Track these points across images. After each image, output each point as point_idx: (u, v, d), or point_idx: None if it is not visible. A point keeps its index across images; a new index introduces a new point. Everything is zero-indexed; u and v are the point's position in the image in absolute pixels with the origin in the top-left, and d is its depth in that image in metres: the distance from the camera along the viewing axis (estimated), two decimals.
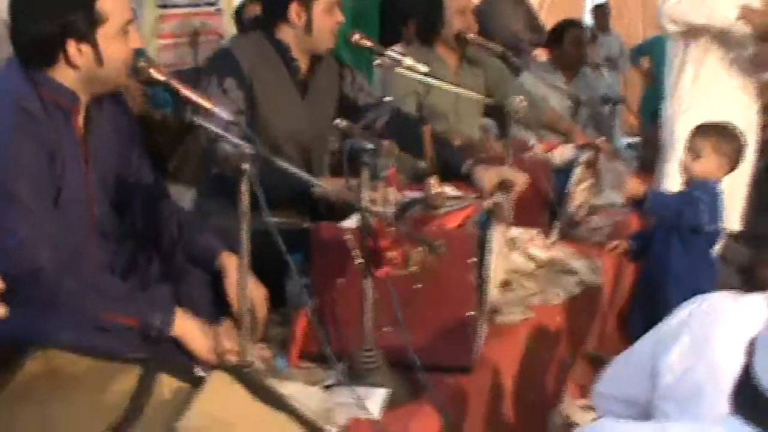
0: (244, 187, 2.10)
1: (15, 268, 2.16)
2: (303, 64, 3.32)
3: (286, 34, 3.26)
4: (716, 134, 3.59)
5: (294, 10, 3.21)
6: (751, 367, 1.34)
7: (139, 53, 2.41)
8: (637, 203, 3.71)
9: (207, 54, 5.66)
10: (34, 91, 2.29)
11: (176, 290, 2.53)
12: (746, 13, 4.30)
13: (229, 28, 5.93)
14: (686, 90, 4.62)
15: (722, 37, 4.48)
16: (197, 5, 5.85)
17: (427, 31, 4.50)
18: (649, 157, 5.05)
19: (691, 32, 4.51)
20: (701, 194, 3.50)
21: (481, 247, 2.52)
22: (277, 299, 2.64)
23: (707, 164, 3.55)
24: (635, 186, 3.67)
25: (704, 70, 4.59)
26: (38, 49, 2.28)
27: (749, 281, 4.25)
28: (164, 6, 5.53)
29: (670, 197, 3.75)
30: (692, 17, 4.41)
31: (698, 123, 3.75)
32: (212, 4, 5.97)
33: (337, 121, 2.39)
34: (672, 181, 4.40)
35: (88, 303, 2.22)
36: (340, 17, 3.28)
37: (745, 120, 4.36)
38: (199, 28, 5.84)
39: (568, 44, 5.63)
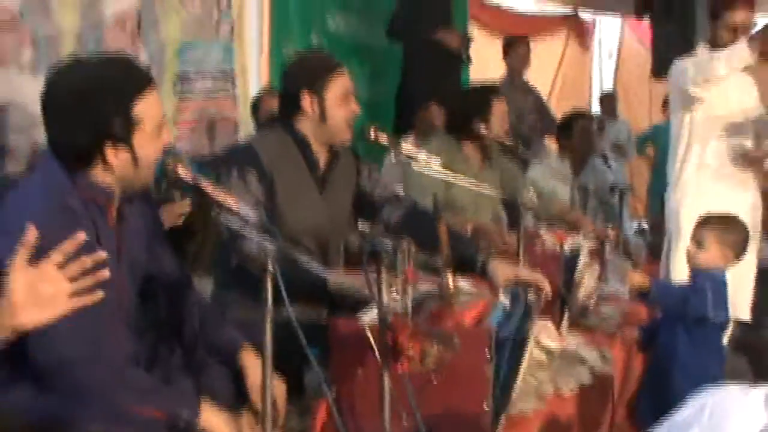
0: (269, 285, 2.17)
1: (45, 356, 2.22)
2: (322, 157, 3.38)
3: (303, 125, 3.32)
4: (719, 225, 3.65)
5: (307, 99, 3.28)
6: None
7: (166, 152, 2.50)
8: (642, 295, 3.75)
9: (223, 142, 5.81)
10: (74, 189, 2.35)
11: (197, 381, 2.59)
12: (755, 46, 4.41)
13: (245, 117, 6.04)
14: (689, 179, 4.71)
15: (724, 126, 4.60)
16: (214, 93, 5.97)
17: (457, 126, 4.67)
18: (657, 242, 5.13)
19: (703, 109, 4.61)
20: (706, 284, 3.54)
21: (518, 348, 2.58)
22: (296, 390, 2.70)
23: (711, 255, 3.60)
24: (639, 278, 3.73)
25: (707, 159, 4.69)
26: (76, 151, 2.35)
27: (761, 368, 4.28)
28: (182, 95, 5.65)
29: (675, 288, 3.81)
30: (712, 71, 4.51)
31: (702, 212, 3.81)
32: (229, 94, 6.10)
33: (360, 225, 2.47)
34: (679, 270, 4.48)
35: (117, 395, 2.27)
36: (355, 107, 3.34)
37: (751, 208, 4.44)
38: (216, 116, 5.95)
39: (576, 135, 5.73)
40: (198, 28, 5.75)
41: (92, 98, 2.32)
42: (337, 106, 3.30)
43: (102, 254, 2.01)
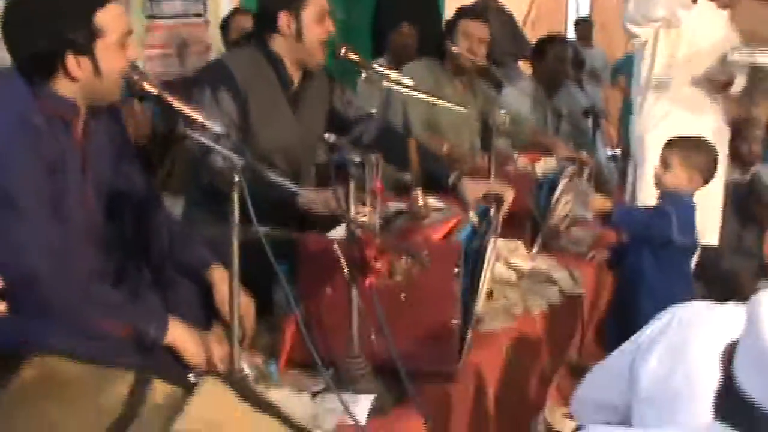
0: (235, 199, 2.15)
1: (12, 274, 2.20)
2: (295, 77, 3.36)
3: (278, 45, 3.29)
4: (686, 147, 3.64)
5: (284, 18, 3.24)
6: (732, 373, 1.39)
7: (132, 67, 2.46)
8: (604, 218, 3.76)
9: (194, 64, 5.73)
10: (36, 103, 2.32)
11: (165, 298, 2.59)
12: None
13: (217, 39, 5.96)
14: (652, 107, 4.71)
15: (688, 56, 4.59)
16: (185, 16, 5.89)
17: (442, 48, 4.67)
18: (628, 169, 5.14)
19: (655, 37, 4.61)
20: (672, 207, 3.56)
21: (474, 257, 2.58)
22: (265, 307, 2.70)
23: (677, 177, 3.60)
24: (601, 202, 3.73)
25: (670, 86, 4.68)
26: (37, 62, 2.31)
27: (730, 293, 4.31)
28: (152, 17, 5.56)
29: (639, 212, 3.82)
30: (652, 13, 4.50)
31: (664, 138, 3.81)
32: (200, 16, 6.01)
33: (327, 135, 2.45)
34: (643, 196, 4.50)
35: (83, 311, 2.26)
36: (330, 27, 3.30)
37: (715, 133, 4.43)
38: (187, 38, 5.87)
39: (551, 60, 5.71)
40: None
41: (52, 5, 2.30)
42: (313, 26, 3.26)
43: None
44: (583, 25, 10.02)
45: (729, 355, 1.41)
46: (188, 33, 5.90)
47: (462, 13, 4.80)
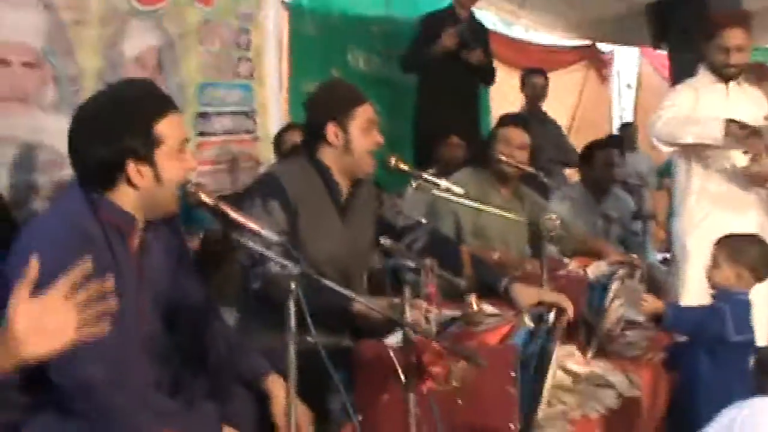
0: (292, 307, 2.17)
1: (66, 379, 2.23)
2: (344, 186, 3.39)
3: (326, 155, 3.34)
4: (733, 244, 3.64)
5: (331, 130, 3.30)
6: None
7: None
8: (657, 320, 3.72)
9: (244, 180, 5.83)
10: (93, 214, 2.39)
11: (221, 409, 2.59)
12: (730, 130, 4.40)
13: (266, 155, 6.07)
14: (693, 205, 4.70)
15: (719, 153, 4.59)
16: (235, 132, 6.01)
17: (482, 157, 4.70)
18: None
19: (688, 150, 4.61)
20: (725, 305, 3.52)
21: (533, 362, 2.57)
22: (320, 417, 2.69)
23: (725, 274, 3.58)
24: (653, 304, 3.70)
25: (709, 185, 4.67)
26: (100, 172, 2.39)
27: None
28: (203, 133, 5.69)
29: (692, 311, 3.78)
30: (680, 137, 4.51)
31: (707, 240, 3.80)
32: (250, 132, 6.14)
33: (383, 240, 2.47)
34: (687, 297, 4.46)
35: (139, 419, 2.28)
36: (378, 138, 3.35)
37: (760, 230, 4.40)
38: (237, 154, 5.99)
39: (598, 165, 5.74)
40: (217, 68, 5.80)
41: (114, 115, 2.40)
42: (361, 137, 3.32)
43: (110, 282, 1.95)
44: (627, 129, 10.08)
45: None
46: (238, 149, 6.02)
47: (502, 121, 4.85)
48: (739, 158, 4.61)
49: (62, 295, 1.88)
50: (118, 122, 2.39)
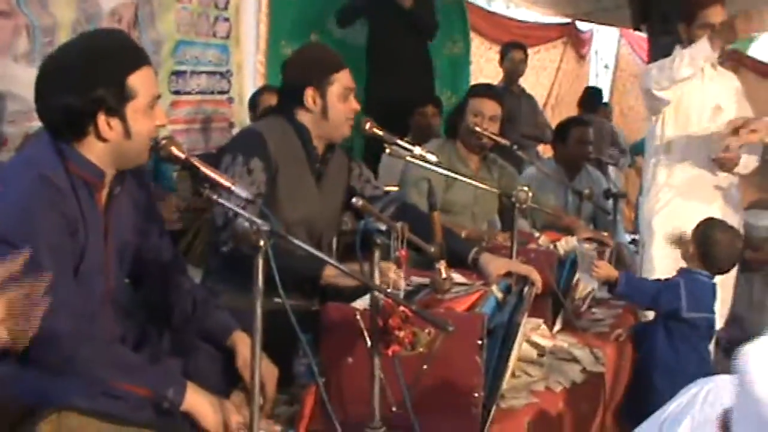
0: (260, 264, 2.14)
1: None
2: (319, 150, 3.39)
3: (303, 119, 3.33)
4: (699, 224, 3.69)
5: (309, 95, 3.29)
6: None
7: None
8: (610, 287, 3.74)
9: (218, 140, 5.79)
10: (62, 165, 2.35)
11: (185, 364, 2.58)
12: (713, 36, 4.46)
13: (240, 116, 6.04)
14: (661, 186, 4.72)
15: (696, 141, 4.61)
16: (209, 93, 5.97)
17: (451, 128, 4.69)
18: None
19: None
20: (681, 280, 3.56)
21: (501, 333, 2.57)
22: (284, 378, 2.68)
23: (683, 250, 3.66)
24: (607, 269, 3.71)
25: (677, 169, 4.69)
26: (69, 122, 2.35)
27: None
28: (177, 92, 5.64)
29: (647, 283, 3.81)
30: (676, 74, 4.52)
31: (672, 218, 3.82)
32: (225, 92, 6.09)
33: (354, 200, 2.45)
34: (650, 276, 4.49)
35: (102, 370, 2.25)
36: (355, 105, 3.36)
37: (722, 216, 4.43)
38: (211, 114, 5.95)
39: (572, 142, 5.74)
40: (194, 26, 5.74)
41: (87, 64, 2.35)
42: (338, 103, 3.32)
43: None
44: (603, 110, 10.10)
45: (724, 424, 1.37)
46: (212, 109, 5.98)
47: (473, 91, 4.83)
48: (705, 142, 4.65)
49: None
50: (91, 72, 2.34)
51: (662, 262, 4.62)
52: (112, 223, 2.49)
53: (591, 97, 9.58)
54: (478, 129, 4.45)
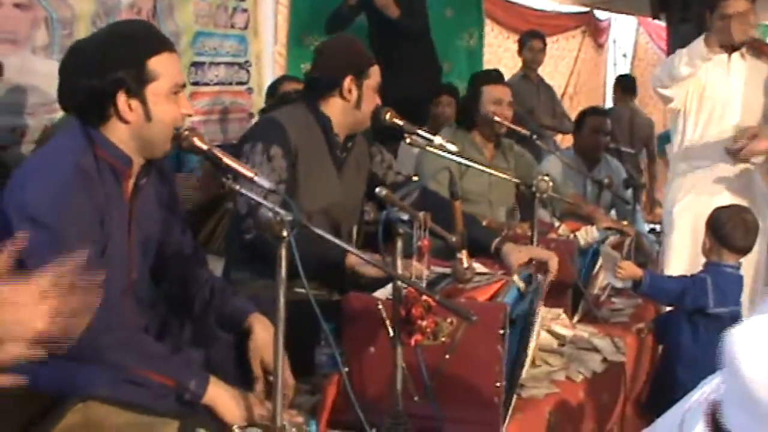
0: (283, 254, 2.14)
1: None
2: (341, 141, 3.40)
3: (331, 108, 3.35)
4: (713, 216, 3.67)
5: (347, 84, 3.31)
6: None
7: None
8: (635, 286, 3.73)
9: (236, 131, 5.79)
10: (91, 150, 2.38)
11: (206, 355, 2.58)
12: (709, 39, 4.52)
13: (259, 107, 6.02)
14: (683, 175, 4.73)
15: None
16: (228, 84, 5.97)
17: (466, 117, 4.66)
18: None
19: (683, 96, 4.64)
20: (708, 275, 3.54)
21: (522, 322, 2.57)
22: (306, 368, 2.68)
23: (705, 246, 3.64)
24: (631, 270, 3.70)
25: (698, 159, 4.69)
26: (91, 104, 2.37)
27: None
28: (196, 83, 5.64)
29: (672, 280, 3.78)
30: (676, 73, 4.55)
31: (692, 209, 3.80)
32: (243, 83, 6.09)
33: (378, 190, 2.45)
34: (672, 266, 4.49)
35: (125, 358, 2.26)
36: (378, 100, 3.40)
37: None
38: (230, 105, 5.95)
39: (586, 131, 5.74)
40: (213, 17, 5.74)
41: (108, 48, 2.39)
42: (371, 96, 3.36)
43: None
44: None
45: (713, 413, 1.37)
46: (231, 100, 5.98)
47: (482, 79, 4.80)
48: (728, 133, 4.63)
49: (39, 289, 1.63)
50: (111, 54, 2.37)
51: (682, 251, 4.62)
52: (136, 213, 2.50)
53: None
54: (498, 119, 4.47)
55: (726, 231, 3.60)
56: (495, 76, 4.82)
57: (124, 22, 2.59)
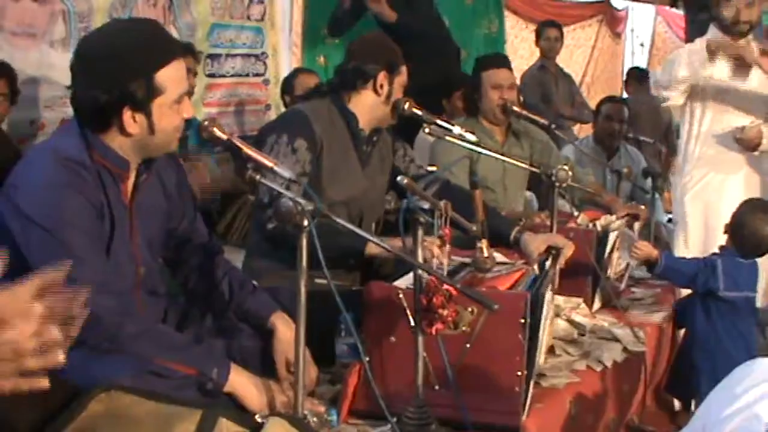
0: (304, 244, 2.15)
1: None
2: (365, 134, 3.42)
3: (359, 102, 3.36)
4: (737, 210, 3.67)
5: (381, 79, 3.33)
6: None
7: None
8: (650, 267, 3.72)
9: (253, 123, 5.80)
10: (86, 152, 2.35)
11: (229, 345, 2.59)
12: (710, 46, 4.47)
13: (275, 99, 6.03)
14: (693, 165, 4.72)
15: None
16: (245, 75, 5.97)
17: (471, 105, 4.66)
18: None
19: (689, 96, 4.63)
20: (721, 260, 3.53)
21: (533, 309, 2.55)
22: (327, 358, 2.68)
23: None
24: (647, 249, 3.69)
25: (707, 147, 4.68)
26: (94, 114, 2.34)
27: None
28: (212, 75, 5.65)
29: (686, 262, 3.78)
30: (676, 74, 4.53)
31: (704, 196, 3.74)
32: (260, 75, 6.09)
33: (399, 178, 2.44)
34: (682, 253, 4.48)
35: (147, 348, 2.27)
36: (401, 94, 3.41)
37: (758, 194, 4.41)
38: (246, 97, 5.95)
39: (601, 119, 5.72)
40: (229, 9, 5.73)
41: (115, 60, 2.32)
42: (399, 90, 3.39)
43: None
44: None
45: None
46: (247, 92, 5.98)
47: (483, 65, 4.76)
48: (734, 121, 4.61)
49: (30, 295, 1.53)
50: (119, 66, 2.31)
51: (693, 240, 4.62)
52: (138, 211, 2.49)
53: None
54: (516, 108, 4.46)
55: (743, 233, 3.60)
56: (494, 61, 4.78)
57: (133, 25, 2.53)
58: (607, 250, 3.74)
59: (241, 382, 2.36)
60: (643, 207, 4.51)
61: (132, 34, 2.40)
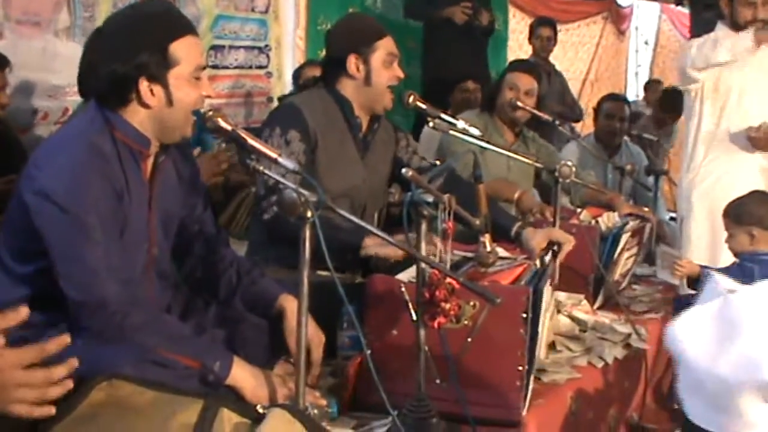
0: (307, 234, 2.14)
1: (82, 295, 2.24)
2: (363, 122, 3.38)
3: (347, 89, 3.32)
4: (733, 208, 3.66)
5: (352, 62, 3.28)
6: None
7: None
8: (690, 283, 3.70)
9: (257, 115, 5.80)
10: (108, 132, 2.38)
11: (232, 335, 2.59)
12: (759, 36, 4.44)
13: (279, 91, 6.03)
14: (699, 165, 4.70)
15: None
16: (248, 67, 5.97)
17: (487, 100, 4.74)
18: None
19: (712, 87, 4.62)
20: (754, 266, 3.52)
21: (533, 304, 2.55)
22: (328, 350, 2.68)
23: (738, 239, 3.61)
24: (690, 266, 3.67)
25: (716, 145, 4.67)
26: (113, 88, 2.37)
27: None
28: (216, 67, 5.65)
29: (726, 272, 3.76)
30: (714, 57, 4.51)
31: (711, 193, 3.72)
32: (263, 67, 6.09)
33: (404, 170, 2.44)
34: (689, 252, 4.47)
35: (151, 338, 2.28)
36: (399, 72, 3.34)
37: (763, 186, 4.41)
38: (250, 89, 5.95)
39: (600, 115, 5.72)
40: (233, 1, 5.74)
41: (131, 32, 2.38)
42: (381, 69, 3.31)
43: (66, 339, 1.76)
44: (649, 86, 10.02)
45: None
46: (251, 84, 5.98)
47: (512, 66, 4.90)
48: (746, 121, 4.61)
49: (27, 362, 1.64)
50: (133, 39, 2.37)
51: (700, 238, 4.61)
52: (156, 191, 2.51)
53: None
54: (519, 103, 4.48)
55: (756, 214, 3.58)
56: (522, 66, 4.89)
57: (145, 4, 2.57)
58: (617, 250, 3.73)
59: (243, 375, 2.36)
60: (646, 209, 4.51)
61: (146, 10, 2.47)
